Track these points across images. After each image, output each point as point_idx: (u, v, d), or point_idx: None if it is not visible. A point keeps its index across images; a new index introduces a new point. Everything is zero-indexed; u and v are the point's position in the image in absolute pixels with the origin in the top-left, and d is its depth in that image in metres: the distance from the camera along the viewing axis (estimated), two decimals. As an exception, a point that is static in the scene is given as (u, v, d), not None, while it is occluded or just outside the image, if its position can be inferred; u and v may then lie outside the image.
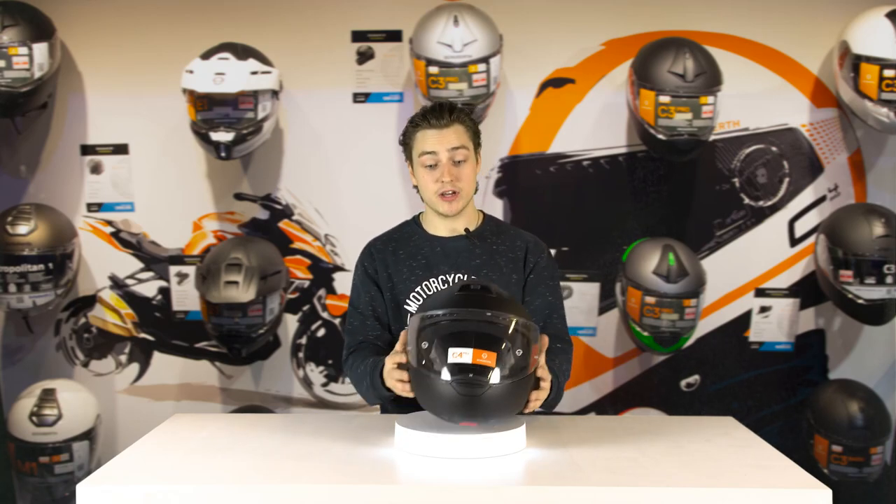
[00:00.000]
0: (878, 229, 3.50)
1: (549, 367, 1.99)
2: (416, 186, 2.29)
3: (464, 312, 1.82)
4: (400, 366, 1.96)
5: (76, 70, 3.80)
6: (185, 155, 3.80)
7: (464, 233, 2.26)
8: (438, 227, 2.28)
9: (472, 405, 1.78)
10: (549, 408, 2.11)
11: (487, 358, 1.76)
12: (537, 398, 1.94)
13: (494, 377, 1.77)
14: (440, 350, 1.79)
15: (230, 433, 2.08)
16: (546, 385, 1.95)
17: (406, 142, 2.26)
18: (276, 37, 3.74)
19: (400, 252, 2.27)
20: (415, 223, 2.33)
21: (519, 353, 1.81)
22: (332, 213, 3.84)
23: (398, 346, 1.98)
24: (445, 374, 1.77)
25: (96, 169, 3.83)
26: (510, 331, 1.81)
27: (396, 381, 1.97)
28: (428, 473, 1.77)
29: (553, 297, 2.27)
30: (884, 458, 3.62)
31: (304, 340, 3.89)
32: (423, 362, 1.82)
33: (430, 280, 2.22)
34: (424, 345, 1.82)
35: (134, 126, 3.81)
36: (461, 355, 1.75)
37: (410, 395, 1.94)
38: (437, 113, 2.20)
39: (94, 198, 3.84)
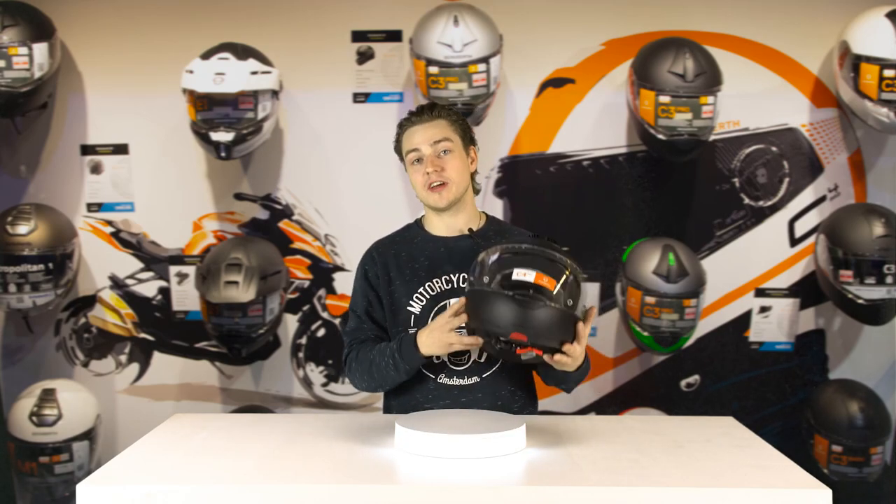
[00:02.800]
0: (878, 229, 3.50)
1: None
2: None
3: (532, 248, 1.96)
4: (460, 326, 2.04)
5: (76, 70, 3.80)
6: (185, 155, 3.80)
7: (467, 233, 2.26)
8: (440, 228, 2.28)
9: (527, 319, 1.88)
10: (575, 381, 2.15)
11: (548, 282, 1.90)
12: (572, 352, 1.95)
13: (551, 299, 1.89)
14: (507, 272, 1.91)
15: (230, 433, 2.08)
16: (580, 349, 1.97)
17: (397, 147, 2.29)
18: (276, 37, 3.74)
19: (403, 254, 2.26)
20: (417, 226, 2.33)
21: (569, 299, 1.92)
22: (332, 213, 3.84)
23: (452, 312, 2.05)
24: (508, 290, 1.89)
25: (96, 169, 3.83)
26: (568, 270, 1.93)
27: (453, 330, 2.02)
28: (428, 473, 1.77)
29: None
30: (884, 458, 3.62)
31: (304, 340, 3.89)
32: (489, 282, 1.93)
33: (434, 280, 2.21)
34: (494, 267, 1.94)
35: (134, 126, 3.81)
36: (525, 275, 1.90)
37: (464, 344, 2.03)
38: (419, 111, 2.24)
39: (94, 198, 3.84)
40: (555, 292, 1.89)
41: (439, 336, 2.05)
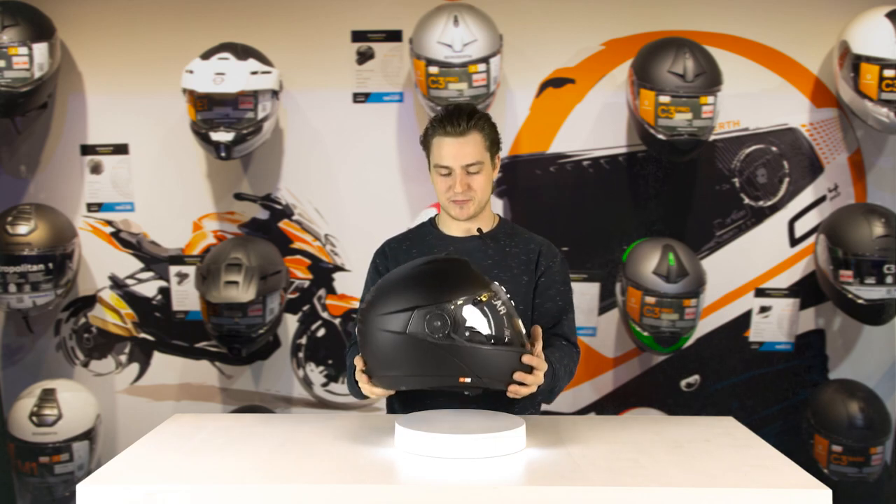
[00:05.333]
0: (878, 229, 3.50)
1: (546, 357, 1.97)
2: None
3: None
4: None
5: (76, 70, 3.80)
6: (185, 155, 3.80)
7: (477, 234, 2.27)
8: (453, 228, 2.29)
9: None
10: (545, 397, 2.15)
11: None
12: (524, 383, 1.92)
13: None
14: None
15: (230, 433, 2.08)
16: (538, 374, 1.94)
17: (426, 143, 2.26)
18: (276, 37, 3.74)
19: (413, 251, 2.29)
20: (430, 224, 2.35)
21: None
22: (332, 213, 3.84)
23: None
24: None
25: (96, 169, 3.83)
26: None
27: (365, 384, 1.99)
28: (428, 473, 1.77)
29: (563, 301, 2.29)
30: (884, 458, 3.62)
31: (304, 340, 3.89)
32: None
33: None
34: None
35: (134, 126, 3.81)
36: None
37: (376, 394, 2.00)
38: (455, 119, 2.18)
39: (94, 198, 3.84)
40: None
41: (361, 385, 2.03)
